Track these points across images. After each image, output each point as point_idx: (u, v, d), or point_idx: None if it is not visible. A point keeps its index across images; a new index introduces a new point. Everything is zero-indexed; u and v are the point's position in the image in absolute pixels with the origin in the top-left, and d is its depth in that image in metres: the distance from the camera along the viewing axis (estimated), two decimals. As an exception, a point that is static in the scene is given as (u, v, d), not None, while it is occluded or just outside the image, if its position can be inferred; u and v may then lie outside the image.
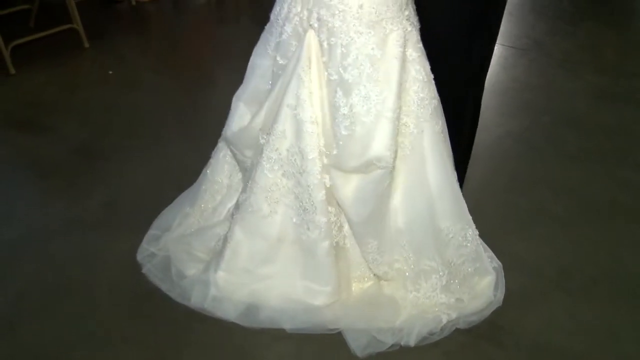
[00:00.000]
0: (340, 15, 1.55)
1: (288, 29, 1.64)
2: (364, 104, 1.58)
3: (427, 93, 1.63)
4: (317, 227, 1.70)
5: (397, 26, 1.57)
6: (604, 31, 3.72)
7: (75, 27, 3.44)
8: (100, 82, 3.15)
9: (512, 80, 3.20)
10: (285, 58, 1.66)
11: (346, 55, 1.56)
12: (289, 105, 1.64)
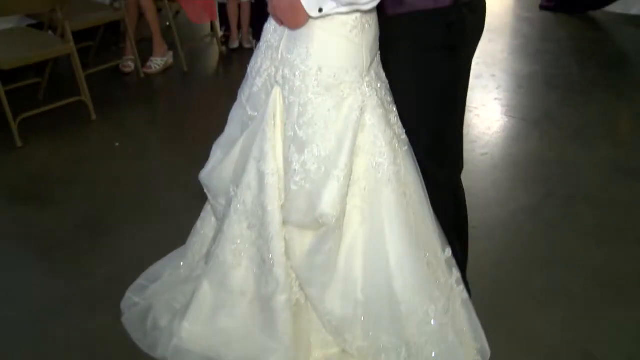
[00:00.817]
0: (301, 75, 1.62)
1: (259, 83, 1.74)
2: (315, 162, 1.63)
3: (385, 158, 1.66)
4: (275, 280, 1.72)
5: (356, 91, 1.63)
6: (616, 103, 3.77)
7: (84, 99, 3.51)
8: (106, 155, 3.19)
9: (525, 153, 3.21)
10: (254, 110, 1.75)
11: (302, 114, 1.63)
12: (255, 157, 1.71)
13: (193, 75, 4.24)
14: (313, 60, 1.60)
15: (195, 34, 4.88)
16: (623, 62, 4.46)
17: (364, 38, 1.62)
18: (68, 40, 3.39)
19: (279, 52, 1.67)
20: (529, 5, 5.48)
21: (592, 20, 5.14)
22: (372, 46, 1.66)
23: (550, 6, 5.28)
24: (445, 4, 1.65)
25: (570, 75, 4.14)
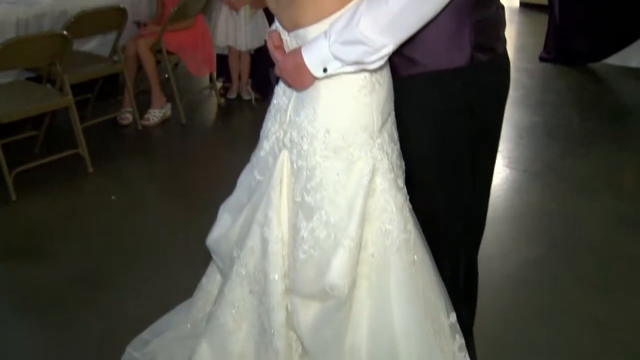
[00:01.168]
0: (308, 137, 1.59)
1: (266, 146, 1.72)
2: (324, 229, 1.59)
3: (395, 225, 1.62)
4: (275, 351, 1.68)
5: (366, 154, 1.59)
6: (619, 154, 3.82)
7: (81, 152, 3.56)
8: (102, 208, 3.21)
9: (527, 205, 3.24)
10: (262, 174, 1.73)
11: (310, 179, 1.59)
12: (259, 222, 1.68)
13: (191, 127, 4.30)
14: (320, 122, 1.58)
15: (194, 85, 4.98)
16: (624, 113, 4.53)
17: (373, 98, 1.59)
18: (66, 93, 3.46)
19: (287, 115, 1.66)
20: (528, 56, 5.60)
21: (591, 72, 5.25)
22: (384, 107, 1.62)
23: (550, 58, 5.40)
24: (460, 63, 1.60)
25: (571, 126, 4.20)
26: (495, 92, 1.73)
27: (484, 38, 1.63)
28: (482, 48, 1.62)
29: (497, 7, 1.67)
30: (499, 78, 1.72)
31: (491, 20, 1.65)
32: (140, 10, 4.26)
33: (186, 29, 4.26)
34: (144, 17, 4.28)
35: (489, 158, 1.84)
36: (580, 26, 5.18)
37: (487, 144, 1.79)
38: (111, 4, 3.83)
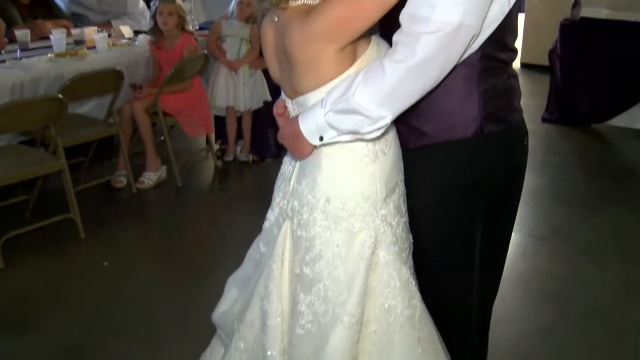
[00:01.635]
0: (308, 207, 1.59)
1: (272, 217, 1.72)
2: (322, 303, 1.56)
3: (399, 301, 1.59)
4: None
5: (368, 225, 1.57)
6: (626, 217, 3.83)
7: (73, 216, 3.57)
8: (94, 275, 3.20)
9: (534, 270, 3.23)
10: (266, 245, 1.72)
11: (310, 250, 1.58)
12: (259, 294, 1.66)
13: (187, 190, 4.33)
14: (321, 191, 1.58)
15: (191, 147, 5.03)
16: (631, 175, 4.56)
17: (377, 167, 1.59)
18: (59, 157, 3.49)
19: (291, 184, 1.67)
20: (531, 117, 5.68)
21: (595, 133, 5.32)
22: (389, 177, 1.62)
23: (553, 119, 5.48)
24: (468, 134, 1.60)
25: (577, 188, 4.23)
26: (508, 166, 1.69)
27: (494, 108, 1.61)
28: (492, 118, 1.61)
29: (508, 76, 1.66)
30: (513, 151, 1.69)
31: (501, 89, 1.64)
32: (136, 73, 4.34)
33: (183, 91, 4.34)
34: (140, 79, 4.37)
35: (502, 237, 1.79)
36: (582, 87, 5.28)
37: (499, 222, 1.74)
38: (108, 67, 3.91)
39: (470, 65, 1.57)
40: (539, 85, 6.46)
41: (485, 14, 1.48)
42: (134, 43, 4.48)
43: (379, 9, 1.47)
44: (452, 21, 1.41)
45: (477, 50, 1.56)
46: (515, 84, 1.70)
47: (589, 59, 5.21)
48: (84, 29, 4.44)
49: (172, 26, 4.24)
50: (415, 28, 1.44)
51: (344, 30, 1.49)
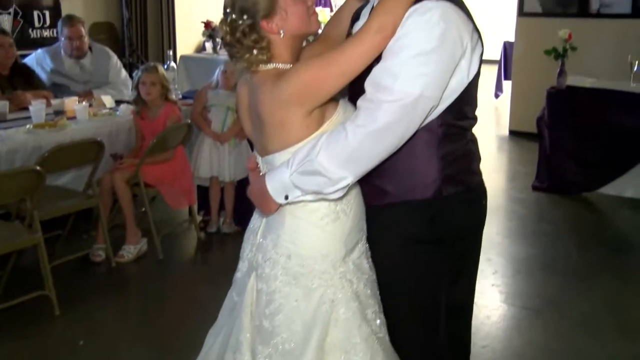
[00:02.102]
0: (270, 262, 1.71)
1: (242, 268, 1.85)
2: (280, 357, 1.66)
3: (360, 357, 1.67)
4: None
5: (326, 282, 1.69)
6: (622, 289, 3.82)
7: (48, 293, 3.51)
8: (70, 355, 3.13)
9: (528, 344, 3.19)
10: (239, 295, 1.82)
11: (269, 303, 1.69)
12: (231, 347, 1.74)
13: (169, 263, 4.28)
14: (283, 247, 1.70)
15: (173, 219, 5.00)
16: (625, 245, 4.57)
17: (337, 227, 1.71)
18: (35, 231, 3.46)
19: (257, 238, 1.80)
20: (521, 186, 5.73)
21: (587, 201, 5.36)
22: (349, 236, 1.74)
23: (543, 187, 5.53)
24: (427, 195, 1.73)
25: (570, 259, 4.23)
26: (467, 225, 1.83)
27: (453, 171, 1.75)
28: (451, 181, 1.74)
29: (467, 141, 1.80)
30: (471, 211, 1.83)
31: (460, 154, 1.77)
32: (118, 143, 4.36)
33: (165, 161, 4.35)
34: (121, 149, 4.37)
35: (466, 293, 1.89)
36: (570, 155, 5.35)
37: (461, 278, 1.85)
38: (88, 138, 3.92)
39: (431, 131, 1.70)
40: (528, 153, 6.54)
41: (444, 86, 1.63)
42: (116, 113, 4.51)
43: (346, 76, 1.61)
44: (412, 92, 1.56)
45: (437, 118, 1.70)
46: (474, 149, 1.84)
47: (576, 127, 5.31)
48: (64, 99, 4.47)
49: (155, 96, 4.28)
50: (378, 96, 1.58)
51: (312, 95, 1.62)
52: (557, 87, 5.43)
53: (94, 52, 5.10)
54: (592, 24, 6.73)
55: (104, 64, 5.10)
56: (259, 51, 1.72)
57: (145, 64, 4.63)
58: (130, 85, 4.79)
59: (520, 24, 7.26)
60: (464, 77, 1.68)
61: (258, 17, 1.72)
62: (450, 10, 1.62)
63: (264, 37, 1.73)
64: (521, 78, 7.34)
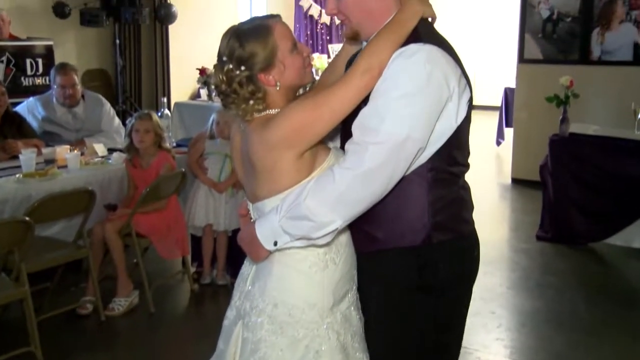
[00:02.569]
0: (257, 310, 1.74)
1: (230, 316, 1.88)
2: None
3: None
4: None
5: (313, 332, 1.71)
6: (633, 345, 3.76)
7: (33, 349, 3.45)
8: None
9: (536, 404, 3.13)
10: (224, 343, 1.85)
11: (254, 352, 1.71)
12: None
13: (161, 316, 4.22)
14: (269, 296, 1.73)
15: (166, 270, 4.96)
16: (634, 299, 4.52)
17: (325, 276, 1.73)
18: (22, 284, 3.42)
19: (247, 285, 1.83)
20: (524, 235, 5.70)
21: (593, 252, 5.33)
22: (337, 286, 1.75)
23: (548, 237, 5.50)
24: (416, 242, 1.75)
25: (577, 312, 4.18)
26: (458, 275, 1.84)
27: (443, 218, 1.77)
28: (440, 228, 1.76)
29: (458, 188, 1.82)
30: (462, 261, 1.84)
31: (450, 200, 1.79)
32: (110, 192, 4.35)
33: (158, 211, 4.33)
34: (113, 199, 4.36)
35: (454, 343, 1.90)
36: (575, 204, 5.35)
37: (451, 329, 1.87)
38: (79, 187, 3.91)
39: (420, 176, 1.73)
40: (531, 202, 6.54)
41: (431, 128, 1.66)
42: (108, 161, 4.51)
43: (334, 117, 1.66)
44: (399, 134, 1.60)
45: (427, 162, 1.73)
46: (466, 197, 1.87)
47: (580, 175, 5.32)
48: (56, 148, 4.48)
49: (148, 144, 4.29)
50: (365, 138, 1.62)
51: (301, 137, 1.67)
52: (560, 134, 5.46)
53: (87, 100, 5.13)
54: (593, 71, 6.81)
55: (96, 112, 5.13)
56: (255, 101, 1.77)
57: (138, 112, 4.65)
58: (123, 133, 4.80)
59: (521, 70, 7.34)
60: (451, 121, 1.71)
61: (256, 70, 1.76)
62: (437, 53, 1.67)
63: (261, 88, 1.77)
64: (523, 125, 7.39)
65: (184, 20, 8.23)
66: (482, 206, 6.18)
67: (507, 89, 8.88)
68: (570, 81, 5.44)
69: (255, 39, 1.76)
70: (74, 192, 3.85)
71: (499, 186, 7.61)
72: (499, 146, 8.99)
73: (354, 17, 1.83)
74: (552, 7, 6.92)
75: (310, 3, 10.89)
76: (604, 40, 6.73)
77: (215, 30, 8.26)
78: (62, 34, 7.25)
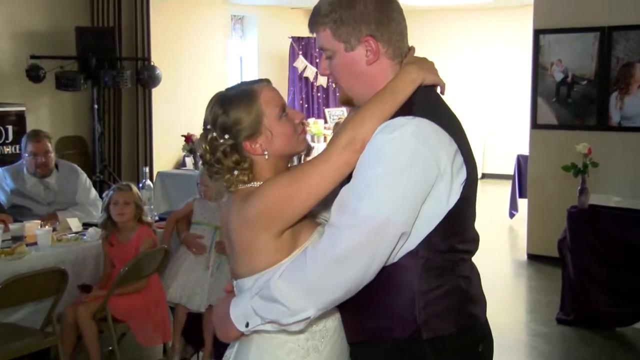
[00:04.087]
0: None
1: None
2: None
3: None
4: None
5: None
6: None
7: None
8: None
9: None
10: None
11: None
12: None
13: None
14: None
15: (145, 358, 4.88)
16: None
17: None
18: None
19: None
20: (543, 318, 5.63)
21: (621, 338, 5.24)
22: None
23: (569, 320, 5.43)
24: (405, 335, 1.72)
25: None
26: None
27: (437, 311, 1.73)
28: (434, 321, 1.72)
29: (456, 277, 1.77)
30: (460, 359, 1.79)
31: (447, 291, 1.75)
32: (84, 272, 4.31)
33: (137, 292, 4.29)
34: (88, 279, 4.32)
35: None
36: (598, 283, 5.29)
37: None
38: (49, 267, 3.87)
39: (409, 263, 1.70)
40: (550, 280, 6.48)
41: (415, 211, 1.64)
42: (83, 238, 4.49)
43: (312, 195, 1.66)
44: (377, 216, 1.58)
45: (416, 249, 1.70)
46: (468, 287, 1.81)
47: (603, 251, 5.29)
48: (25, 223, 4.46)
49: (127, 218, 4.27)
50: (341, 219, 1.63)
51: (278, 216, 1.68)
52: (579, 206, 5.45)
53: (61, 170, 5.14)
54: (613, 138, 6.85)
55: (71, 183, 5.13)
56: (240, 172, 1.78)
57: (117, 183, 4.66)
58: (100, 206, 4.79)
59: (535, 136, 7.39)
60: (442, 204, 1.68)
61: (240, 138, 1.79)
62: (426, 128, 1.66)
63: (247, 158, 1.79)
64: (538, 196, 7.40)
65: (169, 83, 8.34)
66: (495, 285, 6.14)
67: (520, 156, 8.94)
68: (588, 149, 5.48)
69: (239, 105, 1.79)
70: (43, 272, 3.81)
71: (513, 263, 7.57)
72: (512, 218, 8.99)
73: (343, 80, 1.86)
74: (566, 70, 7.02)
75: (305, 64, 11.07)
76: (622, 105, 6.80)
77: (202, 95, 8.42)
78: (36, 98, 7.34)
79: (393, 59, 1.82)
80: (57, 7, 7.68)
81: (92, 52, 7.32)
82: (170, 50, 8.59)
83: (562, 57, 7.02)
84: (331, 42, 1.83)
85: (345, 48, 1.81)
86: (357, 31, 1.78)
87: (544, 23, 7.12)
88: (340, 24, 1.80)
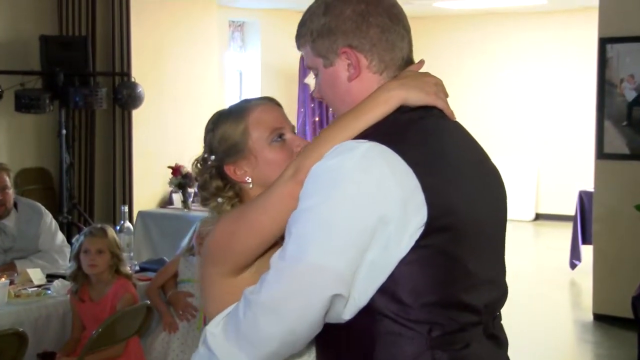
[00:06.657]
0: None
1: None
2: None
3: None
4: None
5: None
6: None
7: None
8: None
9: None
10: None
11: None
12: None
13: None
14: None
15: None
16: None
17: None
18: None
19: None
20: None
21: None
22: None
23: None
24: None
25: None
26: None
27: None
28: None
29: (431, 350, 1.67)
30: None
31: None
32: (47, 336, 4.32)
33: (113, 359, 4.28)
34: (52, 344, 4.32)
35: None
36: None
37: None
38: (4, 329, 3.87)
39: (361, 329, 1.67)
40: (621, 346, 6.45)
41: (352, 254, 1.61)
42: (47, 292, 4.50)
43: (255, 231, 1.71)
44: (298, 257, 1.60)
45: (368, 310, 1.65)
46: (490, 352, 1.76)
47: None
48: (-24, 276, 4.48)
49: (101, 269, 4.28)
50: (273, 259, 1.66)
51: (221, 254, 1.75)
52: (657, 255, 5.43)
53: (20, 210, 5.15)
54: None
55: (32, 226, 5.14)
56: (225, 200, 1.86)
57: (89, 226, 4.67)
58: (68, 254, 4.81)
59: (601, 168, 7.34)
60: (390, 251, 1.62)
61: (223, 161, 1.86)
62: (376, 155, 1.62)
63: (234, 184, 1.88)
64: (606, 242, 7.33)
65: (153, 104, 8.32)
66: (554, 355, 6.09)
67: (583, 192, 8.89)
68: (668, 183, 5.47)
69: (225, 123, 1.87)
70: None
71: (576, 324, 7.52)
72: (574, 269, 8.94)
73: (329, 101, 1.89)
74: (639, 87, 6.98)
75: (318, 81, 11.09)
76: None
77: (193, 118, 8.50)
78: (-9, 122, 7.37)
79: (380, 72, 1.80)
80: (17, 12, 7.67)
81: (60, 66, 7.25)
82: (155, 63, 8.61)
83: (635, 72, 6.97)
84: (311, 58, 1.86)
85: (324, 64, 1.83)
86: (332, 42, 1.80)
87: (612, 30, 7.08)
88: (316, 35, 1.82)
